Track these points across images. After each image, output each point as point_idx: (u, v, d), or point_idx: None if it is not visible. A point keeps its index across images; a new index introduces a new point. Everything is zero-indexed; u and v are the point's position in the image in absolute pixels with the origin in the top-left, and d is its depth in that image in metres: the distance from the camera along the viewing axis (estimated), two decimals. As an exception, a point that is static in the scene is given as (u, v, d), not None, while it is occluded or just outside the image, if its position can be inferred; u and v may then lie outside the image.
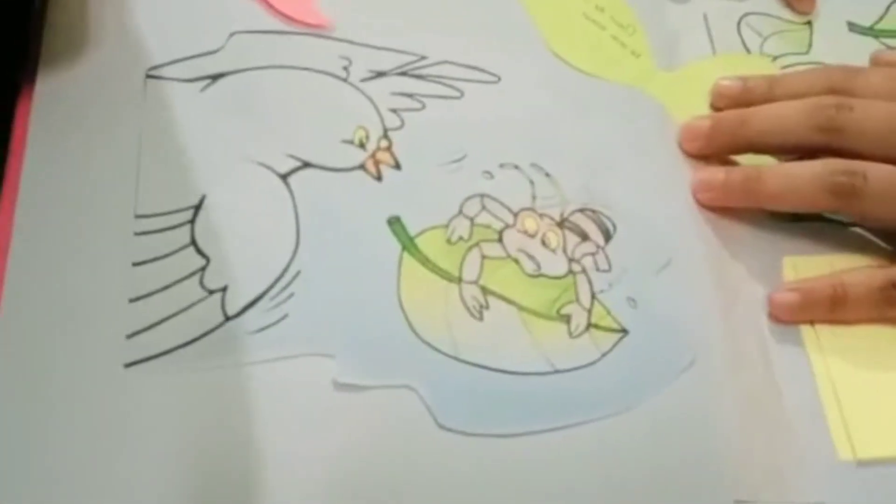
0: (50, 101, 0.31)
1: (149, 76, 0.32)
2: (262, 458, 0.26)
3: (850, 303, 0.33)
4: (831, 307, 0.34)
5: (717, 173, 0.36)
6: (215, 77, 0.33)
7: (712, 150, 0.37)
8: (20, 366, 0.26)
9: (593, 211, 0.34)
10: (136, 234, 0.29)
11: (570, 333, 0.30)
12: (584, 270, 0.32)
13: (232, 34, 0.34)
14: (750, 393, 0.31)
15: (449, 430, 0.28)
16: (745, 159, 0.37)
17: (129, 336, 0.27)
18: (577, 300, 0.31)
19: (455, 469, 0.27)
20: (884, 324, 0.34)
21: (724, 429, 0.30)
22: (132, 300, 0.28)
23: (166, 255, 0.29)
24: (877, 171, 0.34)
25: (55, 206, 0.29)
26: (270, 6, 0.35)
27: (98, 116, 0.31)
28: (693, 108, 0.38)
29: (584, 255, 0.32)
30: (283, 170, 0.31)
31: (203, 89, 0.33)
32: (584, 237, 0.33)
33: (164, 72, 0.33)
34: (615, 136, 0.36)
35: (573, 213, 0.33)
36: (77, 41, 0.32)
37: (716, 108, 0.39)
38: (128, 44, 0.33)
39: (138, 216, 0.29)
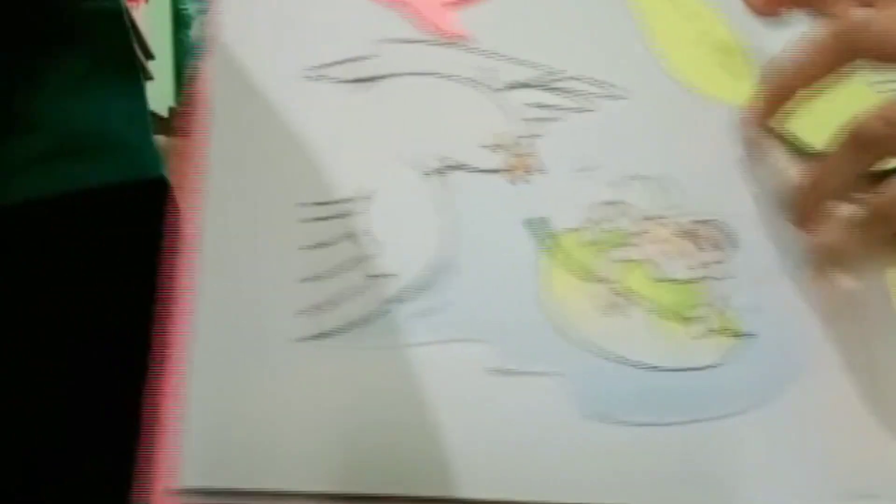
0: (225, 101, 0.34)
1: (306, 77, 0.35)
2: (417, 433, 0.28)
3: None
4: None
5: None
6: (367, 80, 0.36)
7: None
8: (214, 339, 0.29)
9: (719, 221, 0.36)
10: (302, 221, 0.32)
11: (695, 336, 0.32)
12: (709, 277, 0.34)
13: (381, 41, 0.37)
14: (864, 395, 0.33)
15: (590, 418, 0.30)
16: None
17: (299, 313, 0.30)
18: (703, 305, 0.33)
19: (595, 455, 0.29)
20: None
21: (837, 429, 0.32)
22: (302, 281, 0.31)
23: (332, 243, 0.31)
24: None
25: (234, 196, 0.32)
26: (418, 17, 0.38)
27: (262, 115, 0.34)
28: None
29: (710, 262, 0.34)
30: (432, 169, 0.34)
31: (356, 91, 0.35)
32: (710, 246, 0.35)
33: (321, 73, 0.35)
34: (734, 152, 0.38)
35: (700, 222, 0.35)
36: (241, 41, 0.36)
37: None
38: (286, 47, 0.36)
39: (302, 204, 0.32)
